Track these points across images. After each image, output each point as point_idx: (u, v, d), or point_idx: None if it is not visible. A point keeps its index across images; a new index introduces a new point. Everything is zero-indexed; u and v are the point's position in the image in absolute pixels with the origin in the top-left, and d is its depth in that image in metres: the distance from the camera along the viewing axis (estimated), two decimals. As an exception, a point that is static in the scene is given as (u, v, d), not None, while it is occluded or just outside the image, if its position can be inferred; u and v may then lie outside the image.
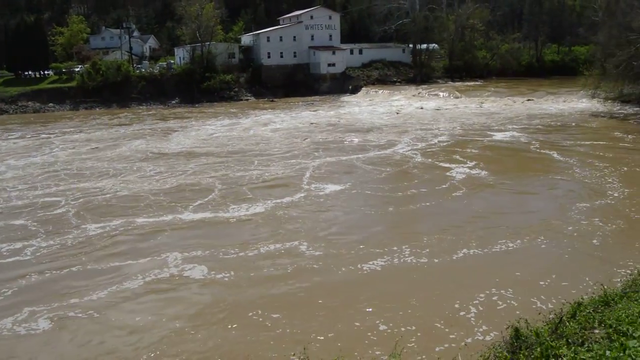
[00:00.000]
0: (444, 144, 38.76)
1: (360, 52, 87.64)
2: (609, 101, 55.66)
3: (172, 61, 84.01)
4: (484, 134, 42.16)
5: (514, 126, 45.72)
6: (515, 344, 9.70)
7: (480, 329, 13.25)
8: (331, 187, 27.28)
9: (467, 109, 58.66)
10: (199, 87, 74.51)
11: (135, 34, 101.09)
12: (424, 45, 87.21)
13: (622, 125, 45.07)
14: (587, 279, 15.26)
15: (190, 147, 40.28)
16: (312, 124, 50.52)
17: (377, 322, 13.91)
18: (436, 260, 17.82)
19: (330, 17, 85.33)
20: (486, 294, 15.28)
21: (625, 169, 29.84)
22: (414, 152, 35.87)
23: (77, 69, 76.90)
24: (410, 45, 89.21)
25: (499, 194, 25.95)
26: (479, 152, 35.59)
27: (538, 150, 35.89)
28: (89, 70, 72.71)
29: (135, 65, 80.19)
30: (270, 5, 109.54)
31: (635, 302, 9.20)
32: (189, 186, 28.06)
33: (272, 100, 73.96)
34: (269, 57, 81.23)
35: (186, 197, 25.90)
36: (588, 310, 9.97)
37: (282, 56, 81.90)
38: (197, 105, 70.86)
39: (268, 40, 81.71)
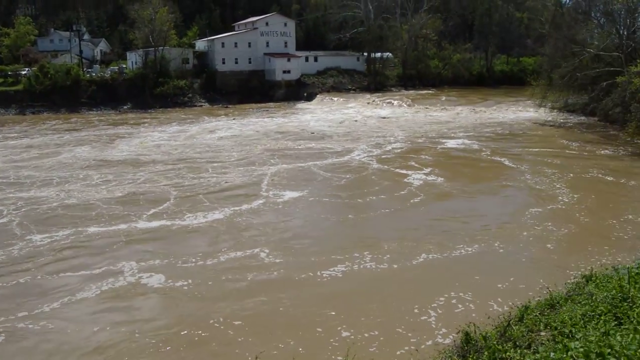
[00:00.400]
0: (399, 150, 39.41)
1: (316, 59, 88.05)
2: (555, 110, 57.76)
3: (124, 65, 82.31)
4: (437, 142, 43.08)
5: (465, 134, 46.88)
6: (466, 347, 9.96)
7: (440, 332, 13.56)
8: (290, 194, 27.36)
9: (420, 117, 59.72)
10: (152, 93, 73.25)
11: (86, 37, 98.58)
12: (378, 54, 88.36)
13: (568, 134, 46.89)
14: (542, 281, 15.82)
15: (136, 154, 39.15)
16: (266, 130, 50.38)
17: (339, 328, 14.06)
18: (396, 266, 18.15)
19: (285, 24, 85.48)
20: (446, 297, 15.69)
21: (572, 175, 31.28)
22: (370, 159, 36.36)
23: (23, 72, 74.37)
24: (365, 54, 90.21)
25: (455, 199, 26.64)
26: (433, 159, 36.40)
27: (489, 157, 37.02)
28: (36, 74, 70.43)
29: (85, 69, 78.19)
30: (226, 11, 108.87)
31: (579, 305, 9.55)
32: (142, 194, 27.45)
33: (227, 107, 73.42)
34: (223, 63, 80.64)
35: (140, 206, 25.41)
36: (535, 314, 10.29)
37: (237, 62, 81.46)
38: (150, 110, 69.61)
39: (223, 46, 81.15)
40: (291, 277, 17.34)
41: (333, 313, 14.89)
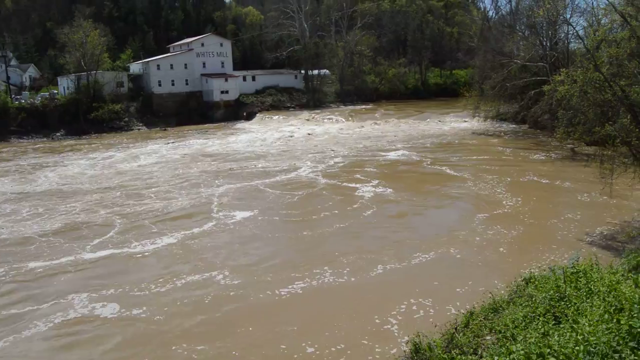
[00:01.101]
0: (342, 165, 39.94)
1: (254, 78, 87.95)
2: (488, 120, 59.76)
3: (55, 91, 79.53)
4: (378, 154, 43.96)
5: (404, 146, 47.97)
6: (415, 357, 9.97)
7: (404, 340, 13.67)
8: (241, 214, 27.07)
9: (360, 132, 60.62)
10: (86, 118, 71.06)
11: (13, 62, 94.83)
12: (316, 71, 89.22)
13: (501, 141, 48.71)
14: (499, 283, 16.22)
15: (67, 183, 36.71)
16: (208, 151, 49.76)
17: (303, 344, 14.08)
18: (356, 279, 18.36)
19: (221, 45, 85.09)
20: (407, 305, 16.03)
21: (510, 179, 32.84)
22: (316, 175, 36.68)
23: (-55, 102, 70.58)
24: (302, 71, 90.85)
25: (406, 209, 27.30)
26: (378, 171, 37.13)
27: (430, 166, 38.15)
28: (-40, 103, 67.03)
29: (13, 96, 75.09)
30: (159, 33, 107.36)
31: (520, 307, 9.74)
32: (82, 225, 26.18)
33: (165, 130, 72.05)
34: (159, 85, 79.31)
35: (83, 237, 24.34)
36: (480, 319, 10.43)
37: (173, 84, 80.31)
38: (84, 137, 67.41)
39: (158, 68, 79.89)
40: (250, 298, 17.20)
41: (295, 329, 14.89)
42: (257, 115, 78.57)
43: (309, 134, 60.25)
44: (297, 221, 25.67)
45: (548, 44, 55.47)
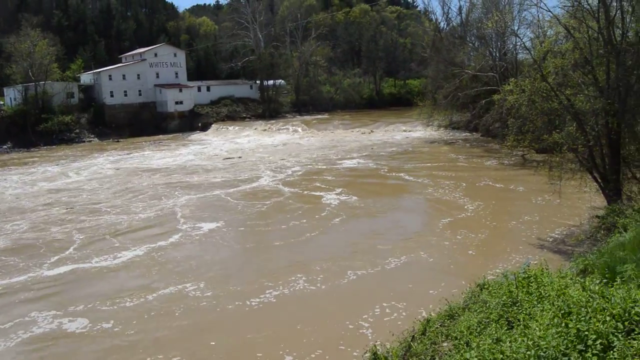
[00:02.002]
0: (302, 173, 40.23)
1: (208, 89, 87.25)
2: (442, 128, 60.98)
3: (1, 102, 76.92)
4: (336, 163, 44.49)
5: (361, 155, 48.66)
6: (373, 367, 9.97)
7: (378, 344, 13.69)
8: (208, 226, 26.74)
9: (316, 141, 60.92)
10: (34, 130, 68.89)
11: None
12: (271, 82, 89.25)
13: (455, 149, 49.77)
14: (470, 285, 16.53)
15: (10, 201, 34.73)
16: (162, 163, 49.08)
17: (281, 352, 14.01)
18: (329, 285, 18.47)
19: (175, 55, 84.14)
20: (382, 308, 16.25)
21: (465, 184, 33.88)
22: (278, 184, 36.83)
23: None
24: (258, 82, 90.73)
25: (372, 216, 27.76)
26: (338, 179, 37.60)
27: (389, 173, 38.96)
28: None
29: (-44, 108, 72.21)
30: (111, 43, 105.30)
31: (475, 313, 9.87)
32: (35, 242, 24.95)
33: (118, 141, 70.59)
34: (111, 96, 77.70)
35: (38, 254, 23.21)
36: (436, 326, 10.51)
37: (126, 95, 78.81)
38: (33, 149, 65.32)
39: (110, 79, 78.30)
40: (223, 308, 17.04)
41: (272, 337, 14.88)
42: (213, 125, 77.94)
43: (265, 144, 60.09)
44: (266, 231, 25.57)
45: (497, 55, 57.09)
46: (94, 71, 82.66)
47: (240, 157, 50.13)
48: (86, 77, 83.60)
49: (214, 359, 13.93)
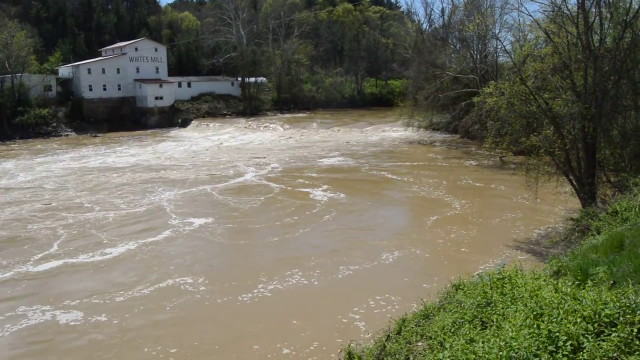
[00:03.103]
0: (284, 170, 40.40)
1: (189, 85, 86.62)
2: (422, 129, 61.28)
3: (-24, 94, 75.52)
4: (316, 160, 44.79)
5: (341, 152, 49.17)
6: (348, 366, 10.00)
7: (375, 337, 13.93)
8: (199, 221, 26.73)
9: (298, 139, 60.87)
10: (10, 123, 67.71)
11: None
12: (253, 79, 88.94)
13: (435, 150, 50.24)
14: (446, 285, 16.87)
15: None
16: (143, 158, 48.65)
17: (278, 345, 14.20)
18: (324, 280, 18.75)
19: (156, 50, 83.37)
20: (377, 301, 16.66)
21: (446, 183, 34.75)
22: (260, 179, 37.17)
23: None
24: (239, 79, 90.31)
25: (362, 212, 28.32)
26: (321, 176, 38.04)
27: (372, 172, 39.50)
28: None
29: None
30: (91, 36, 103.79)
31: (449, 313, 9.94)
32: (17, 239, 24.37)
33: (96, 136, 69.71)
34: (90, 89, 76.74)
35: (24, 251, 22.69)
36: (412, 325, 10.56)
37: (105, 89, 77.88)
38: (8, 142, 64.17)
39: (89, 72, 77.29)
40: (216, 303, 17.16)
41: (267, 331, 15.03)
42: (193, 122, 77.44)
43: (246, 141, 59.89)
44: (258, 227, 25.69)
45: (478, 57, 57.53)
46: (73, 64, 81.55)
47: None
48: (65, 70, 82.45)
49: (209, 351, 14.00)
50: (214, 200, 31.55)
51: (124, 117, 77.81)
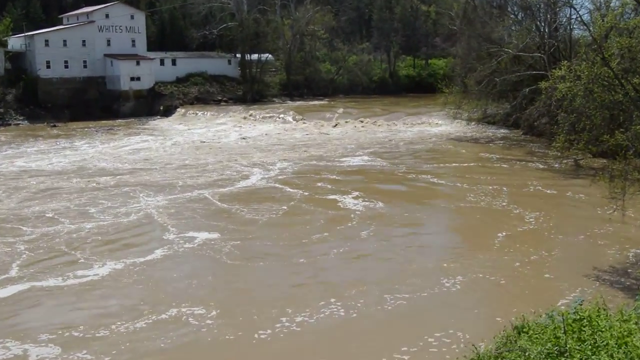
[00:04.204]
0: (300, 172, 41.17)
1: (174, 62, 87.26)
2: (473, 123, 61.14)
3: None
4: (337, 160, 45.35)
5: (367, 151, 49.40)
6: None
7: None
8: (201, 235, 26.76)
9: (311, 133, 61.57)
10: (-54, 108, 68.70)
11: None
12: (255, 56, 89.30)
13: (489, 148, 50.63)
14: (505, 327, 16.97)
15: None
16: (118, 154, 49.36)
17: None
18: (364, 312, 18.84)
19: (132, 17, 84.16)
20: (436, 339, 16.80)
21: (506, 189, 35.21)
22: (271, 183, 37.85)
23: None
24: (238, 55, 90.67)
25: (410, 226, 28.71)
26: (346, 179, 38.63)
27: (409, 175, 39.94)
28: None
29: None
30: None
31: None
32: None
33: (54, 126, 70.43)
34: (48, 67, 77.61)
35: None
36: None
37: (67, 66, 78.70)
38: (-57, 132, 65.10)
39: (47, 45, 78.18)
40: (228, 340, 17.23)
41: None
42: (178, 110, 78.07)
43: (247, 136, 60.29)
44: (280, 245, 25.78)
45: (546, 30, 57.32)
46: (26, 34, 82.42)
47: (216, 151, 50.11)
48: (15, 42, 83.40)
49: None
50: (216, 209, 31.77)
51: (91, 102, 78.56)
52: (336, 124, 66.15)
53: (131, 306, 19.53)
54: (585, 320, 9.45)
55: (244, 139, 58.49)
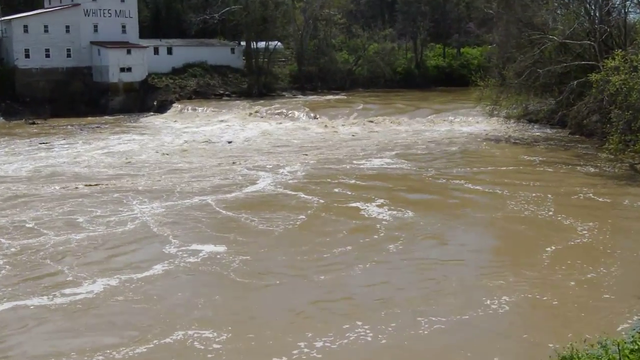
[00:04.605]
0: (314, 176, 41.43)
1: (170, 51, 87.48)
2: (512, 121, 60.68)
3: None
4: (356, 163, 45.51)
5: (393, 153, 49.50)
6: None
7: None
8: (206, 249, 26.74)
9: (326, 132, 61.59)
10: None
11: None
12: (262, 44, 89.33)
13: (531, 150, 50.39)
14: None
15: None
16: (107, 152, 49.45)
17: None
18: (397, 336, 18.85)
19: (123, 0, 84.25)
20: None
21: (551, 196, 35.00)
22: (284, 188, 37.97)
23: None
24: (243, 43, 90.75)
25: (444, 238, 28.92)
26: (368, 184, 38.94)
27: (439, 181, 40.08)
28: None
29: None
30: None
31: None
32: None
33: (33, 123, 70.70)
34: (27, 56, 77.99)
35: None
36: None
37: (48, 55, 79.03)
38: None
39: (26, 31, 78.58)
40: None
41: None
42: (174, 105, 78.29)
43: (253, 135, 60.28)
44: (298, 260, 25.79)
45: (597, 15, 56.85)
46: (3, 19, 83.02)
47: (220, 154, 50.15)
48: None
49: None
50: (221, 218, 31.80)
51: (75, 96, 78.83)
52: (354, 122, 66.05)
53: (130, 329, 19.47)
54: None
55: (248, 138, 58.45)
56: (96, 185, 38.67)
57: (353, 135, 59.54)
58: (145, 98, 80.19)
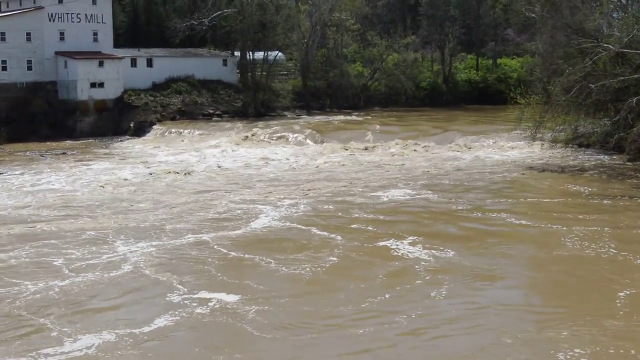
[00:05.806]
0: (331, 210, 41.66)
1: (150, 63, 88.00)
2: (559, 145, 60.78)
3: None
4: (373, 194, 45.85)
5: (416, 183, 49.71)
6: None
7: None
8: (218, 297, 26.64)
9: (336, 158, 61.99)
10: None
11: None
12: (261, 54, 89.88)
13: (581, 179, 50.52)
14: None
15: None
16: (86, 182, 49.65)
17: None
18: None
19: (94, 2, 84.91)
20: None
21: (610, 231, 35.67)
22: (293, 222, 38.36)
23: None
24: (237, 54, 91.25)
25: (492, 282, 29.18)
26: (393, 219, 39.23)
27: (473, 214, 40.53)
28: None
29: None
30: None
31: None
32: None
33: (-14, 149, 71.16)
34: (-20, 69, 78.79)
35: None
36: None
37: (5, 68, 79.41)
38: None
39: (-22, 40, 79.48)
40: None
41: None
42: (155, 127, 78.84)
43: (249, 163, 60.66)
44: (328, 311, 25.57)
45: (661, 19, 57.21)
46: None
47: (208, 181, 50.53)
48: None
49: None
50: (229, 260, 31.88)
51: (37, 117, 79.41)
52: (370, 147, 66.40)
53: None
54: None
55: (246, 165, 58.79)
56: (66, 220, 39.00)
57: (365, 163, 59.82)
58: (120, 119, 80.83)
